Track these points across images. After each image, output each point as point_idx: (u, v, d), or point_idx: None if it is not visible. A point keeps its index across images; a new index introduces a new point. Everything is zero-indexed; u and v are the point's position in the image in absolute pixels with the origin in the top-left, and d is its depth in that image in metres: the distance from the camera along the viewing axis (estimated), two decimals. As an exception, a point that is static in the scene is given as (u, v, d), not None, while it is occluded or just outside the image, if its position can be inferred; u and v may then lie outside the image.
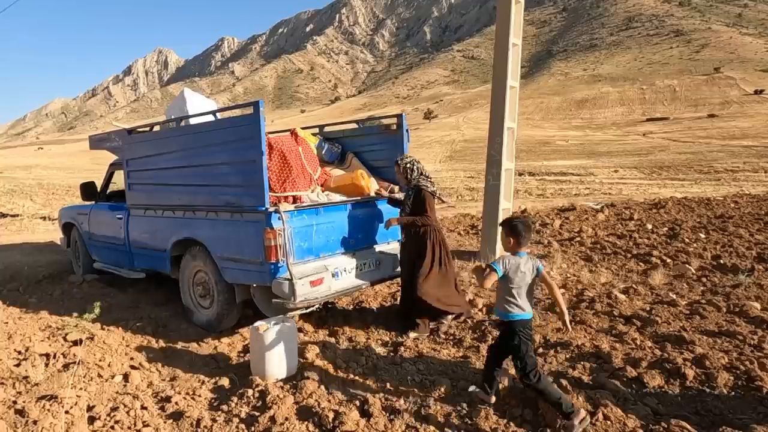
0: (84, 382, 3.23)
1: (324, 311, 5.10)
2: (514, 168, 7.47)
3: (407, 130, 5.08)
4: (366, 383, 3.40)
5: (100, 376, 3.40)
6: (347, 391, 3.24)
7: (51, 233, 10.28)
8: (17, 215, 13.95)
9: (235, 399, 3.12)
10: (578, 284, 5.74)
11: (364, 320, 4.81)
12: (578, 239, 8.48)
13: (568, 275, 6.23)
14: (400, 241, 4.60)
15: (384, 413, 2.91)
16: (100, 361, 3.57)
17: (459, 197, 19.45)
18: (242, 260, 4.09)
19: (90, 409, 2.92)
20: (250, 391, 3.16)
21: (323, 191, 4.65)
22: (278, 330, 3.44)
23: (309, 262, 4.13)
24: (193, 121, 4.69)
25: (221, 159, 4.18)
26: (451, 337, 4.24)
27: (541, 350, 3.85)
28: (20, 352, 3.59)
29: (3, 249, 8.62)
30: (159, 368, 3.76)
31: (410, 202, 4.36)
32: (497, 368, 3.04)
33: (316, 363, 3.70)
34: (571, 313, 4.69)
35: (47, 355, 3.52)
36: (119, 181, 5.81)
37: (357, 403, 2.98)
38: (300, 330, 4.41)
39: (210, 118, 4.45)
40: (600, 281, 5.90)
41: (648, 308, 4.72)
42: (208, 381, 3.47)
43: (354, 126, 5.72)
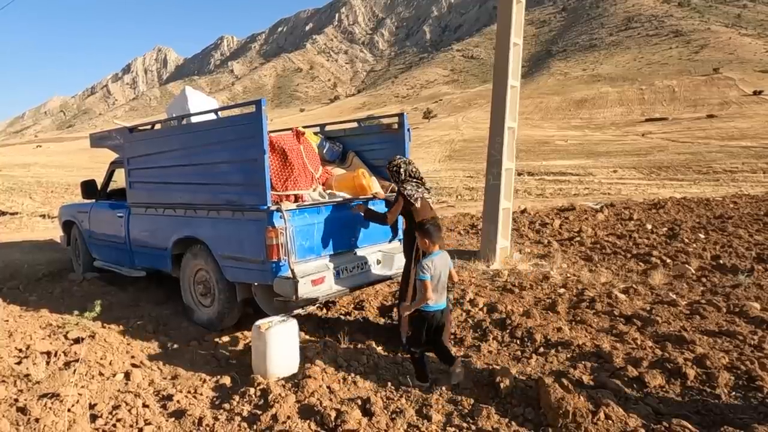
0: (85, 381, 3.23)
1: (325, 310, 5.11)
2: (515, 168, 7.48)
3: (409, 130, 5.06)
4: (367, 382, 3.40)
5: (102, 375, 3.40)
6: (349, 390, 3.25)
7: (50, 231, 10.26)
8: (16, 213, 13.93)
9: (237, 397, 3.12)
10: (578, 284, 5.74)
11: (365, 319, 4.81)
12: (578, 239, 8.50)
13: (568, 275, 6.24)
14: (401, 240, 4.59)
15: (386, 412, 2.92)
16: (101, 360, 3.57)
17: (458, 197, 19.47)
18: (243, 259, 4.09)
19: (92, 407, 2.92)
20: (252, 390, 3.16)
21: (325, 190, 4.64)
22: (280, 329, 3.44)
23: (310, 261, 4.13)
24: (195, 120, 4.69)
25: (223, 157, 4.17)
26: (452, 337, 4.24)
27: (542, 350, 3.86)
28: (21, 350, 3.59)
29: (2, 247, 8.61)
30: (160, 367, 3.76)
31: (392, 203, 4.27)
32: (439, 348, 3.37)
33: (318, 362, 3.70)
34: (572, 313, 4.70)
35: (48, 353, 3.52)
36: (120, 180, 5.80)
37: (359, 402, 2.99)
38: (301, 329, 4.41)
39: (212, 117, 4.44)
40: (600, 281, 5.92)
41: (648, 308, 4.74)
42: (210, 379, 3.47)
43: (355, 125, 5.72)
